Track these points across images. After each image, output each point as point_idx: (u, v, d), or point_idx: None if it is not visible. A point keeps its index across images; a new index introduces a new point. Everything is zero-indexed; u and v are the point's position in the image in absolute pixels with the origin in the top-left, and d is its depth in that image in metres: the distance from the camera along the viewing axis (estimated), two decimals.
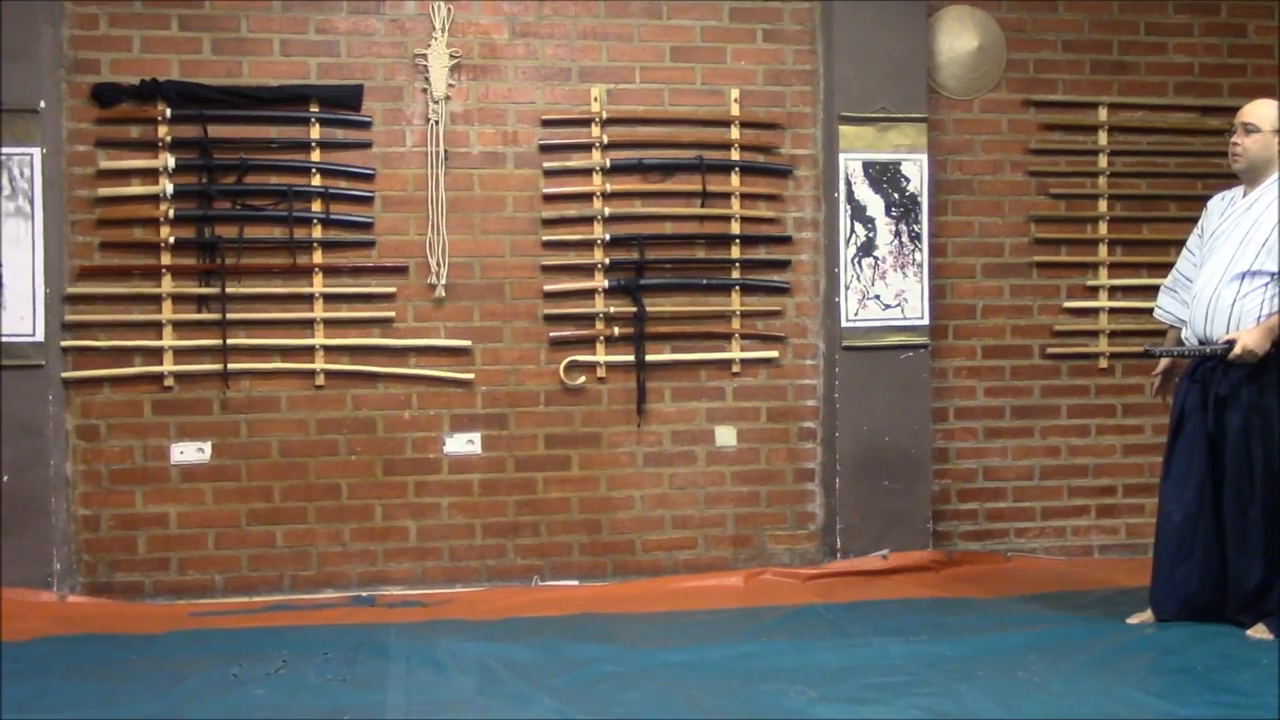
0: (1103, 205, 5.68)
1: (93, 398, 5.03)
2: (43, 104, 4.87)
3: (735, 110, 5.36)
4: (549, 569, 5.30)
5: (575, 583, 5.26)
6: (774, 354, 5.43)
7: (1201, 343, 4.30)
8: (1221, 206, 4.44)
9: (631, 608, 4.83)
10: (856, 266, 5.33)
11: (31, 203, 4.86)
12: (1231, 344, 4.15)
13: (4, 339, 4.84)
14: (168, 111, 5.02)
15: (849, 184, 5.32)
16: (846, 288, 5.32)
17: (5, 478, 4.85)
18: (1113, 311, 5.67)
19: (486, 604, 4.92)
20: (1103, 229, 5.68)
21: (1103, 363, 5.67)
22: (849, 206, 5.33)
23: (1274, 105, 4.31)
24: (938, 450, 5.52)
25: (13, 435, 4.86)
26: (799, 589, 5.10)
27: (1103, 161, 5.67)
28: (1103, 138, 5.67)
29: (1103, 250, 5.67)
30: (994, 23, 5.57)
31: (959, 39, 5.54)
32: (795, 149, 5.44)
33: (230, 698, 3.69)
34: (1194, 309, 4.34)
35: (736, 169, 5.37)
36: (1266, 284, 4.16)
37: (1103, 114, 5.66)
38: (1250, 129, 4.28)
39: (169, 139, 5.02)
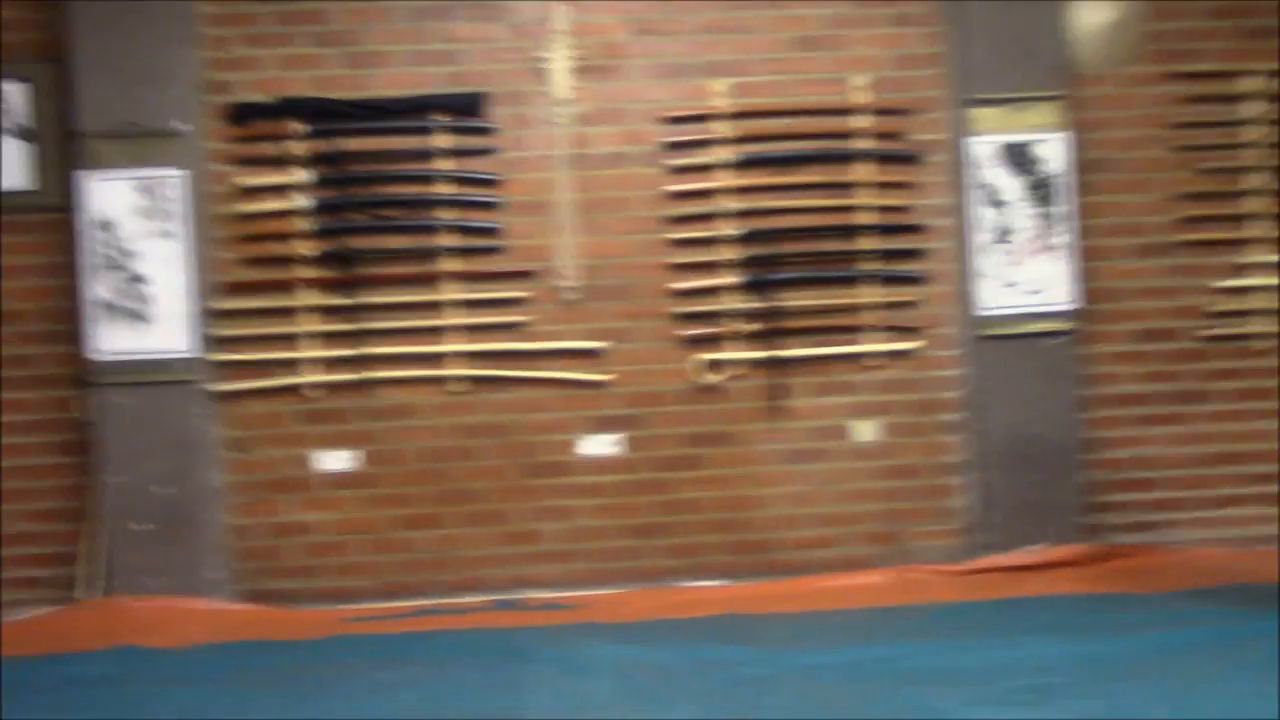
0: (1254, 179, 5.40)
1: (241, 410, 5.17)
2: (184, 126, 5.02)
3: (862, 98, 5.25)
4: (689, 569, 5.27)
5: (715, 583, 5.22)
6: (910, 345, 5.30)
7: None
8: None
9: (772, 608, 4.79)
10: (993, 253, 5.18)
11: (178, 223, 5.02)
12: None
13: (157, 355, 5.02)
14: (301, 127, 5.13)
15: (983, 168, 5.18)
16: (983, 275, 5.18)
17: (161, 489, 5.02)
18: (1267, 290, 5.39)
19: (627, 606, 4.92)
20: (1255, 204, 5.41)
21: (1258, 344, 5.40)
22: (983, 191, 5.18)
23: None
24: (1088, 440, 5.32)
25: (167, 448, 5.04)
26: (945, 586, 4.99)
27: (1253, 133, 5.40)
28: (1252, 108, 5.40)
29: (1255, 226, 5.40)
30: None
31: (1095, 12, 5.33)
32: (925, 134, 5.30)
33: (379, 702, 3.76)
34: None
35: (865, 158, 5.26)
36: None
37: (1252, 83, 5.39)
38: None
39: (303, 154, 5.13)
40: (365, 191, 5.17)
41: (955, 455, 5.33)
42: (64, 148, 5.07)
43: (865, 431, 5.33)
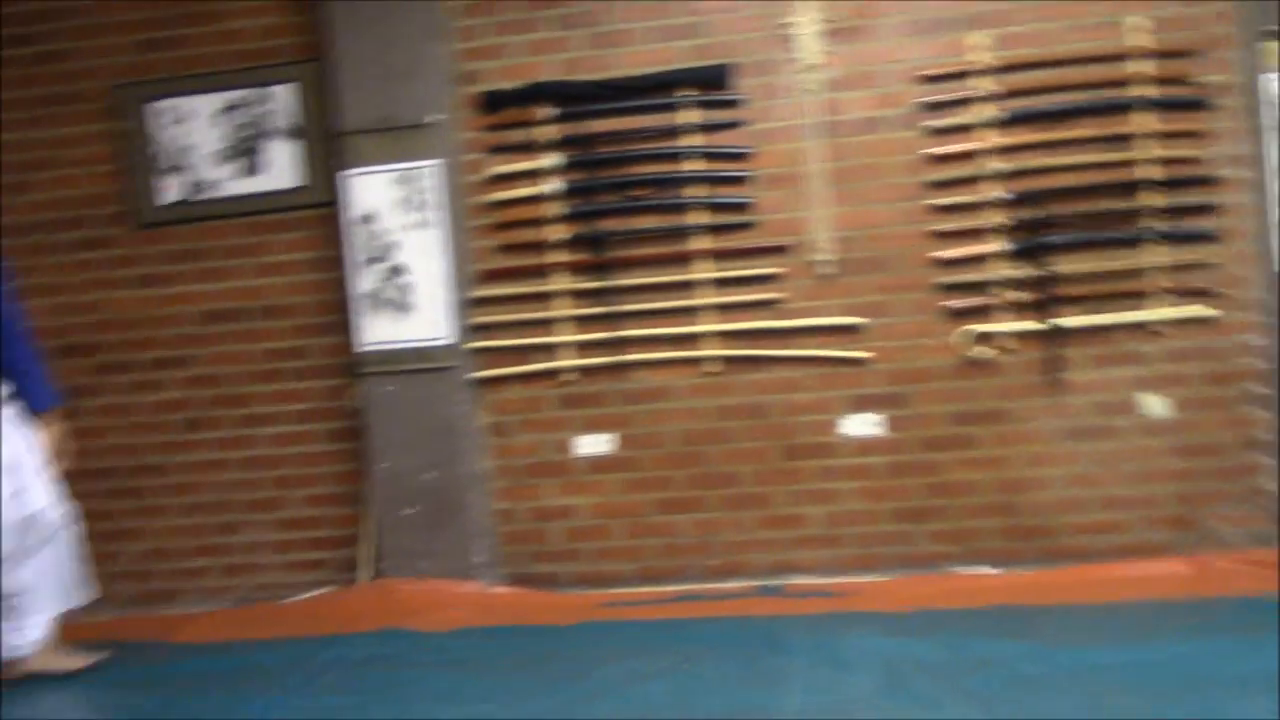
0: None
1: (500, 395, 5.23)
2: (438, 117, 5.10)
3: (1139, 41, 4.79)
4: (960, 555, 4.98)
5: (991, 570, 4.91)
6: (1205, 311, 4.82)
7: None
8: None
9: (1053, 598, 4.45)
10: None
11: (434, 213, 5.10)
12: None
13: (419, 344, 5.12)
14: (549, 111, 5.12)
15: None
16: None
17: (427, 474, 5.13)
18: None
19: (895, 594, 4.69)
20: None
21: None
22: None
23: None
24: None
25: (431, 434, 5.15)
26: (1253, 576, 4.50)
27: None
28: None
29: None
30: None
31: None
32: (1215, 76, 4.78)
33: (631, 692, 3.68)
34: None
35: (1145, 106, 4.80)
36: None
37: None
38: None
39: (552, 138, 5.12)
40: (615, 172, 5.12)
41: (1265, 431, 4.81)
42: (328, 145, 5.25)
43: (1156, 406, 4.88)
